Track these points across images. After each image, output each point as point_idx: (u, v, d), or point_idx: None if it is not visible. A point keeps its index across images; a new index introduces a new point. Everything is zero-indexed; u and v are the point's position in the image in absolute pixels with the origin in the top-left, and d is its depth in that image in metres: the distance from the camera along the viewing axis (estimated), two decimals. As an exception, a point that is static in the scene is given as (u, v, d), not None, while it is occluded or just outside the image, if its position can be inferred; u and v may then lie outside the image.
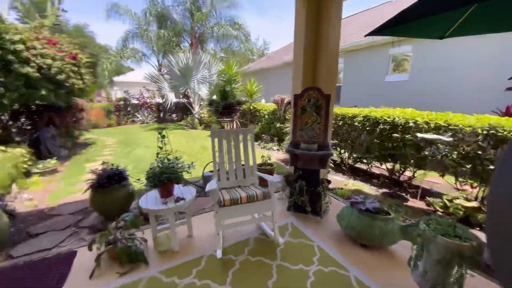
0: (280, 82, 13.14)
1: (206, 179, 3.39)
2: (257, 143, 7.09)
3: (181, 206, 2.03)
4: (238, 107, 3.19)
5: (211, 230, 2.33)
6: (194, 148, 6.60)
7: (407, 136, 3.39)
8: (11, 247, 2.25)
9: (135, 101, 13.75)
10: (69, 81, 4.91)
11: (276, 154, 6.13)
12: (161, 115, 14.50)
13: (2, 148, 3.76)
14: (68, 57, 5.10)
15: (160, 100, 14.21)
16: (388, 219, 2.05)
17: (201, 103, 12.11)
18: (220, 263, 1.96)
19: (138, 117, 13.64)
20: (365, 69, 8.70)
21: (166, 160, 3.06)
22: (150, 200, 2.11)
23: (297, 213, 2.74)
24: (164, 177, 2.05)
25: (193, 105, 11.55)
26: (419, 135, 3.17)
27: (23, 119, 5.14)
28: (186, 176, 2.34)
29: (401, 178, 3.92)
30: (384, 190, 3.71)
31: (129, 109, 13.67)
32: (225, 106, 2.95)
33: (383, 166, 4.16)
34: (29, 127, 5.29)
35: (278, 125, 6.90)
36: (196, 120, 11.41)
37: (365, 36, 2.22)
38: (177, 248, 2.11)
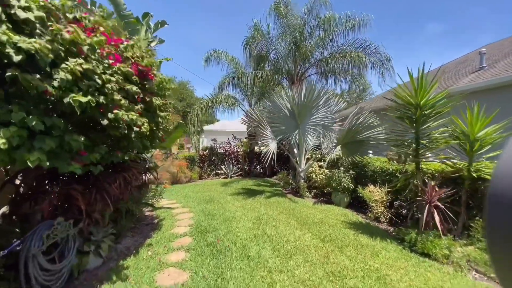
0: None
1: None
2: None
3: None
4: None
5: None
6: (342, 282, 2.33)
7: None
8: None
9: (221, 150, 11.66)
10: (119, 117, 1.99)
11: None
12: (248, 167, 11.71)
13: None
14: (132, 67, 2.39)
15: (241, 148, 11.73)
16: None
17: (308, 156, 8.41)
18: None
19: (222, 169, 11.23)
20: None
21: None
22: None
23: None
24: None
25: (297, 159, 7.91)
26: None
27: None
28: None
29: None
30: None
31: (213, 158, 11.58)
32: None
33: None
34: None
35: None
36: (302, 181, 7.54)
37: None
38: None
